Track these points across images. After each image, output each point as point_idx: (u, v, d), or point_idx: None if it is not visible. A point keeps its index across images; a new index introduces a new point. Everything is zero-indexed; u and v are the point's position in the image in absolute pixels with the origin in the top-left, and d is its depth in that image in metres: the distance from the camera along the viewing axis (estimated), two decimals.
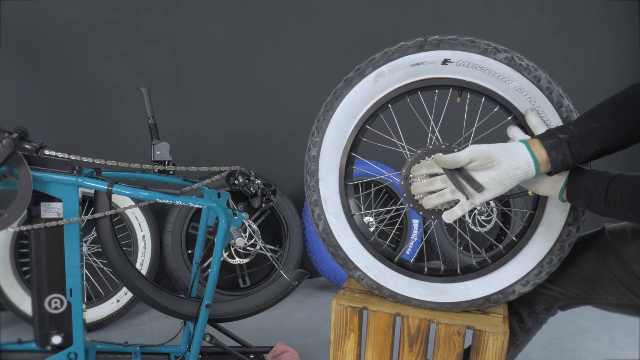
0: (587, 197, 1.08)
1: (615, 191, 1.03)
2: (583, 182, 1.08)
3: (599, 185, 1.06)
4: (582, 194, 1.08)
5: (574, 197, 1.11)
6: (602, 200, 1.05)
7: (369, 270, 1.38)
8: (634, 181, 1.03)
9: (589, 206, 1.09)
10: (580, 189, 1.09)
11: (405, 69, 1.26)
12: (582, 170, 1.11)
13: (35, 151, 1.46)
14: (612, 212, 1.05)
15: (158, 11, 2.54)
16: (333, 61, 2.91)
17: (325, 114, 1.34)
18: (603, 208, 1.06)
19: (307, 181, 1.38)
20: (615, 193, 1.03)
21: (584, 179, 1.09)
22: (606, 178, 1.05)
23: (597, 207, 1.07)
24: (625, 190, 1.02)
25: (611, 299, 1.27)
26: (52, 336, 1.57)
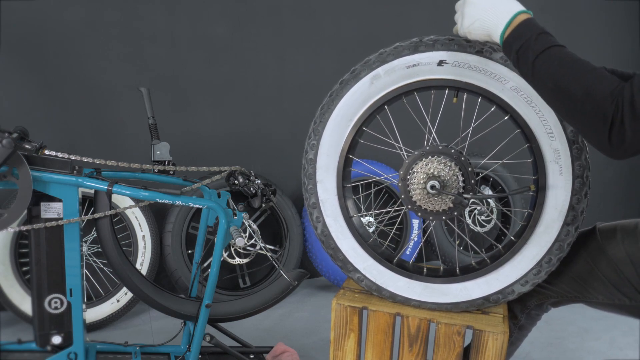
0: (524, 48, 1.05)
1: (549, 58, 1.03)
2: (530, 32, 1.07)
3: (540, 42, 1.05)
4: (521, 42, 1.06)
5: (514, 40, 1.07)
6: (533, 58, 1.04)
7: (368, 271, 1.38)
8: (570, 56, 1.02)
9: (519, 59, 1.06)
10: (523, 37, 1.07)
11: (401, 70, 1.26)
12: (535, 23, 1.09)
13: (35, 151, 1.46)
14: (534, 74, 1.04)
15: (158, 11, 2.54)
16: (333, 61, 2.91)
17: (322, 116, 1.34)
18: (529, 66, 1.04)
19: (305, 184, 1.38)
20: (548, 59, 1.03)
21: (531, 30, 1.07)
22: (550, 41, 1.05)
23: (524, 64, 1.06)
24: (558, 59, 1.02)
25: (601, 298, 1.28)
26: (52, 336, 1.58)
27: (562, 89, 1.01)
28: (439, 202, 1.27)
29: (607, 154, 1.00)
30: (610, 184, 3.86)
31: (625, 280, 1.21)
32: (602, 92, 0.96)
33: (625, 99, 0.94)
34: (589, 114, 0.98)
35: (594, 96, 0.97)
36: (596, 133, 0.98)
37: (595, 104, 0.97)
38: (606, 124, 0.95)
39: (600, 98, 0.96)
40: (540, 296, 1.39)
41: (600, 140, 0.98)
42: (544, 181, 1.22)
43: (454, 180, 1.26)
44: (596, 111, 0.96)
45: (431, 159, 1.27)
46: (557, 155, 1.20)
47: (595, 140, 0.99)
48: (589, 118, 0.98)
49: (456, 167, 1.26)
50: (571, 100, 1.00)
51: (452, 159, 1.26)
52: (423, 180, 1.27)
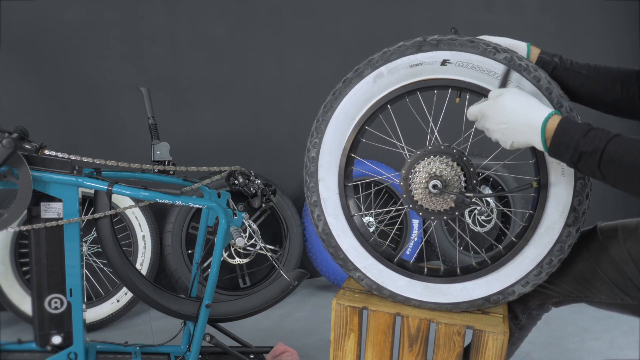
0: (576, 156, 1.00)
1: (613, 154, 0.97)
2: (573, 139, 1.00)
3: (593, 144, 0.99)
4: (570, 152, 1.01)
5: (560, 152, 1.03)
6: (595, 162, 0.98)
7: (368, 270, 1.38)
8: (634, 143, 0.95)
9: (577, 166, 1.02)
10: (570, 147, 1.01)
11: (405, 69, 1.25)
12: (571, 124, 1.02)
13: (35, 151, 1.46)
14: (604, 176, 0.99)
15: (158, 11, 2.54)
16: (333, 61, 2.91)
17: (325, 114, 1.34)
18: (595, 170, 0.99)
19: (307, 182, 1.38)
20: (613, 156, 0.96)
21: (574, 135, 1.01)
22: (602, 137, 0.98)
23: (586, 169, 1.00)
24: (625, 153, 0.95)
25: (604, 298, 1.27)
26: (52, 336, 1.57)
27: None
28: (440, 202, 1.27)
29: None
30: None
31: (628, 279, 1.21)
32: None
33: None
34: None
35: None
36: None
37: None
38: None
39: None
40: (542, 296, 1.39)
41: None
42: (545, 182, 1.22)
43: (456, 180, 1.26)
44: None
45: (433, 158, 1.27)
46: None
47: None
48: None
49: (458, 167, 1.26)
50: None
51: (454, 159, 1.26)
52: (425, 180, 1.27)
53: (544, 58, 1.31)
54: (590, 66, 1.31)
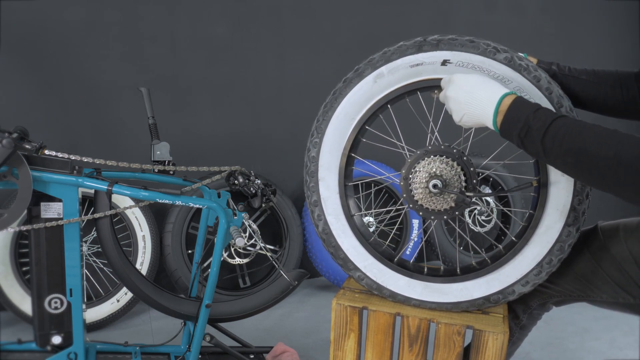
0: (524, 130, 1.02)
1: (557, 130, 0.98)
2: (524, 113, 1.03)
3: (541, 120, 1.01)
4: (519, 125, 1.03)
5: (510, 126, 1.05)
6: (539, 138, 0.99)
7: (368, 270, 1.38)
8: (579, 125, 0.98)
9: (523, 142, 1.03)
10: (520, 120, 1.03)
11: (405, 69, 1.26)
12: (525, 102, 1.06)
13: (35, 151, 1.46)
14: (546, 152, 1.00)
15: (158, 11, 2.54)
16: (333, 61, 2.91)
17: (325, 114, 1.34)
18: (538, 146, 1.00)
19: (307, 182, 1.38)
20: (557, 132, 0.98)
21: (525, 110, 1.03)
22: (550, 115, 1.01)
23: (532, 146, 1.02)
24: (568, 131, 0.97)
25: (605, 297, 1.28)
26: (52, 336, 1.57)
27: (585, 161, 0.95)
28: (440, 201, 1.27)
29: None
30: None
31: (629, 278, 1.21)
32: (634, 154, 0.91)
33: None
34: (624, 180, 0.92)
35: (625, 161, 0.91)
36: (637, 195, 0.92)
37: (628, 169, 0.91)
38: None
39: (633, 160, 0.90)
40: (543, 296, 1.39)
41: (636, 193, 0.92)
42: (545, 181, 1.22)
43: (456, 180, 1.26)
44: (631, 175, 0.91)
45: (433, 158, 1.27)
46: None
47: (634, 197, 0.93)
48: (624, 184, 0.93)
49: (458, 167, 1.26)
50: (600, 169, 0.94)
51: (454, 158, 1.26)
52: (425, 179, 1.27)
53: (542, 67, 1.32)
54: (589, 71, 1.32)
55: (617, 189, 0.95)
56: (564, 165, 1.00)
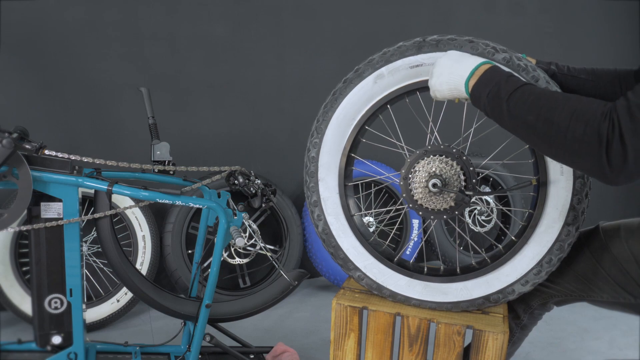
0: (494, 90, 1.02)
1: (524, 93, 0.99)
2: (497, 77, 1.04)
3: (511, 83, 1.02)
4: (491, 86, 1.03)
5: (481, 86, 1.05)
6: (506, 97, 1.00)
7: (368, 270, 1.38)
8: (545, 92, 0.98)
9: (490, 102, 1.03)
10: (492, 82, 1.04)
11: (405, 70, 1.26)
12: (501, 69, 1.07)
13: (35, 151, 1.46)
14: (510, 113, 0.99)
15: (158, 11, 2.54)
16: (333, 61, 2.91)
17: (325, 115, 1.34)
18: (503, 107, 1.00)
19: (307, 182, 1.38)
20: (523, 95, 0.99)
21: (499, 75, 1.05)
22: (521, 81, 1.02)
23: (497, 105, 1.01)
24: (534, 96, 0.98)
25: (606, 297, 1.28)
26: (52, 336, 1.57)
27: (544, 119, 0.94)
28: (440, 201, 1.28)
29: (607, 179, 0.90)
30: None
31: (630, 278, 1.21)
32: (592, 111, 0.89)
33: (621, 113, 0.86)
34: (580, 138, 0.90)
35: (582, 117, 0.90)
36: (591, 157, 0.89)
37: (585, 125, 0.89)
38: (602, 144, 0.87)
39: (590, 117, 0.89)
40: (544, 295, 1.39)
41: (596, 164, 0.89)
42: (544, 181, 1.22)
43: (456, 179, 1.26)
44: (588, 132, 0.88)
45: (433, 157, 1.27)
46: None
47: (591, 166, 0.90)
48: (580, 142, 0.90)
49: (458, 167, 1.26)
50: (557, 128, 0.93)
51: (453, 158, 1.26)
52: (425, 179, 1.27)
53: (541, 67, 1.32)
54: (588, 70, 1.32)
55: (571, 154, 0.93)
56: (523, 126, 0.99)
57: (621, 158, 0.86)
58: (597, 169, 0.90)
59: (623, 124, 0.85)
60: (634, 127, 0.85)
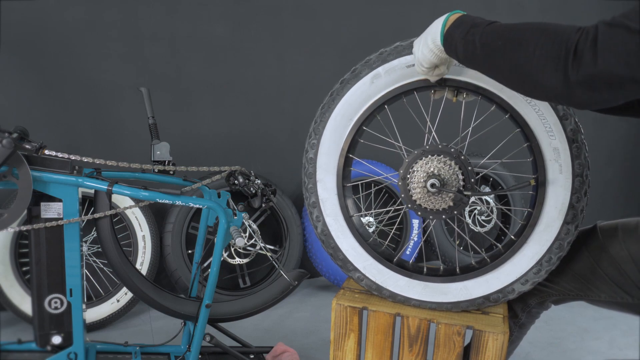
0: (467, 28, 1.01)
1: (496, 25, 0.97)
2: (469, 18, 1.04)
3: (484, 21, 1.00)
4: (463, 26, 1.02)
5: (454, 29, 1.04)
6: (479, 32, 0.98)
7: (368, 271, 1.38)
8: (519, 23, 0.95)
9: (463, 40, 1.01)
10: (464, 23, 1.03)
11: (402, 70, 1.26)
12: (471, 15, 1.07)
13: (35, 151, 1.46)
14: (482, 43, 0.96)
15: (158, 11, 2.54)
16: (333, 61, 2.92)
17: (322, 115, 1.34)
18: (476, 40, 0.97)
19: (305, 183, 1.38)
20: (495, 26, 0.96)
21: (471, 17, 1.04)
22: (493, 20, 1.00)
23: (470, 42, 0.99)
24: (508, 25, 0.95)
25: (604, 297, 1.28)
26: (52, 336, 1.58)
27: (513, 40, 0.90)
28: (439, 201, 1.28)
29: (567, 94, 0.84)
30: (610, 183, 3.86)
31: (628, 278, 1.22)
32: (563, 28, 0.85)
33: (600, 25, 0.80)
34: (547, 52, 0.84)
35: (552, 33, 0.85)
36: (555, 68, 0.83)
37: (554, 39, 0.84)
38: (569, 53, 0.81)
39: (561, 32, 0.84)
40: (542, 294, 1.39)
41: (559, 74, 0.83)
42: (543, 180, 1.22)
43: (454, 179, 1.26)
44: (556, 44, 0.83)
45: (431, 157, 1.27)
46: (557, 154, 1.20)
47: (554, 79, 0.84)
48: (546, 57, 0.84)
49: (456, 166, 1.26)
50: (525, 46, 0.87)
51: (451, 157, 1.26)
52: (423, 179, 1.27)
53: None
54: None
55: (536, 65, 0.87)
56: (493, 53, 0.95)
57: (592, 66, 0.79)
58: (561, 84, 0.84)
59: (600, 31, 0.79)
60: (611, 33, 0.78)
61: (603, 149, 3.72)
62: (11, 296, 2.21)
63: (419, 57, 1.14)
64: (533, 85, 0.89)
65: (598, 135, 3.58)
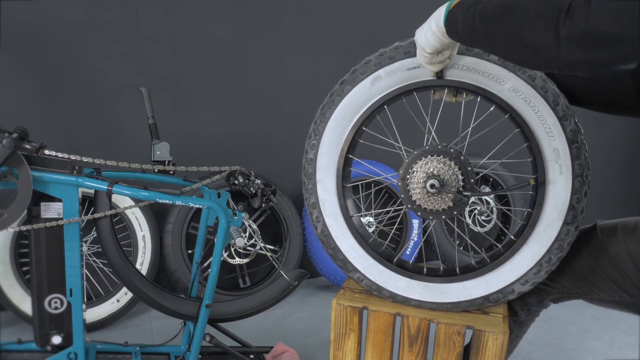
0: (470, 4, 0.99)
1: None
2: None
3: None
4: (468, 3, 1.00)
5: (456, 8, 1.02)
6: (480, 6, 0.96)
7: (368, 271, 1.38)
8: None
9: (466, 14, 0.99)
10: (465, 2, 1.01)
11: (402, 72, 1.26)
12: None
13: (35, 151, 1.46)
14: (481, 16, 0.95)
15: (158, 11, 2.54)
16: (333, 61, 2.92)
17: (322, 116, 1.34)
18: (475, 14, 0.96)
19: (305, 184, 1.38)
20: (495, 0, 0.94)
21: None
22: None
23: (470, 17, 0.98)
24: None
25: (603, 296, 1.28)
26: (52, 336, 1.58)
27: (510, 8, 0.89)
28: (438, 201, 1.28)
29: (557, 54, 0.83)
30: (610, 183, 3.86)
31: (627, 277, 1.22)
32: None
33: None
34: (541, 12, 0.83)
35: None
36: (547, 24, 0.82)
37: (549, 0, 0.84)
38: (561, 10, 0.80)
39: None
40: (542, 293, 1.39)
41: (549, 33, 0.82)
42: (543, 180, 1.22)
43: (454, 180, 1.26)
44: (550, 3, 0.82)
45: (430, 158, 1.27)
46: (557, 155, 1.20)
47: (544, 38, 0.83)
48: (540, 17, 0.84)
49: (455, 166, 1.26)
50: (521, 11, 0.87)
51: (451, 158, 1.26)
52: (423, 179, 1.27)
53: None
54: None
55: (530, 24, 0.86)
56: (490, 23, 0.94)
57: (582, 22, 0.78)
58: (551, 43, 0.83)
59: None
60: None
61: (603, 149, 3.72)
62: (11, 296, 2.21)
63: (421, 43, 1.13)
64: (525, 48, 0.88)
65: (598, 135, 3.58)
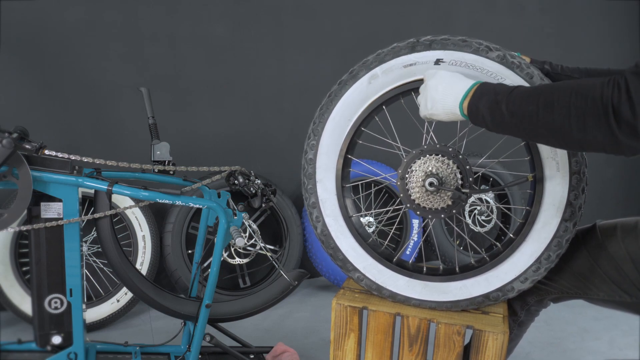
0: (491, 98, 1.01)
1: (520, 91, 0.98)
2: (490, 87, 1.04)
3: (506, 88, 1.01)
4: (486, 95, 1.03)
5: (477, 99, 1.04)
6: (504, 99, 0.99)
7: (368, 271, 1.38)
8: (541, 85, 0.98)
9: (488, 109, 1.02)
10: (486, 92, 1.03)
11: (399, 70, 1.26)
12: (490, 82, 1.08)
13: (35, 151, 1.46)
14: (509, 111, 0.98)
15: (158, 11, 2.54)
16: (333, 61, 2.92)
17: (321, 116, 1.35)
18: (502, 109, 0.99)
19: (305, 184, 1.39)
20: (519, 92, 0.98)
21: (491, 85, 1.05)
22: (514, 85, 1.02)
23: (496, 110, 1.00)
24: (531, 89, 0.97)
25: (602, 295, 1.28)
26: (52, 336, 1.58)
27: (544, 105, 0.92)
28: (437, 200, 1.28)
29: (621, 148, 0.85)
30: (610, 183, 3.86)
31: (626, 277, 1.22)
32: (591, 84, 0.87)
33: (629, 75, 0.82)
34: (583, 112, 0.86)
35: (582, 91, 0.87)
36: (598, 127, 0.84)
37: (586, 98, 0.86)
38: (607, 110, 0.83)
39: (590, 88, 0.86)
40: (541, 292, 1.40)
41: (607, 134, 0.84)
42: (540, 177, 1.23)
43: (452, 178, 1.26)
44: (590, 103, 0.85)
45: (429, 157, 1.27)
46: (554, 152, 1.21)
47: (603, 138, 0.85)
48: (584, 116, 0.86)
49: (454, 165, 1.26)
50: (559, 110, 0.90)
51: (449, 157, 1.26)
52: (421, 178, 1.27)
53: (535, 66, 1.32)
54: (581, 69, 1.34)
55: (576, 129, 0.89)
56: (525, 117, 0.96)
57: (632, 118, 0.81)
58: (609, 140, 0.85)
59: (631, 83, 0.81)
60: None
61: None
62: (11, 296, 2.21)
63: (433, 117, 1.14)
64: (579, 144, 0.91)
65: None
